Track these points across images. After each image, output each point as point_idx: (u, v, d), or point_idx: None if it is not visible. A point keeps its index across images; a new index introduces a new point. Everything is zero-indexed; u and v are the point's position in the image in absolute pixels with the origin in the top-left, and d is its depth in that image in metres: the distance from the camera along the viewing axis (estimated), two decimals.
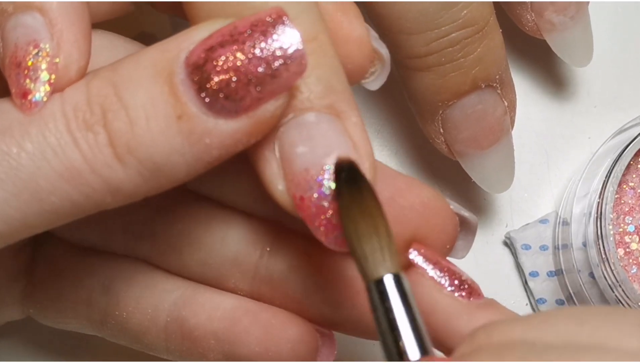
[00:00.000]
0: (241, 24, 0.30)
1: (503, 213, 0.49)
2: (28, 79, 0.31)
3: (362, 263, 0.30)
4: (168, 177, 0.31)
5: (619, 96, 0.50)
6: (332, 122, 0.32)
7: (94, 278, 0.38)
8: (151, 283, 0.38)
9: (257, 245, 0.37)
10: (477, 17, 0.41)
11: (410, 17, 0.40)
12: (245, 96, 0.30)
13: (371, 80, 0.36)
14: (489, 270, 0.49)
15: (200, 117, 0.30)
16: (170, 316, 0.37)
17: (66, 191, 0.30)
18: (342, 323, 0.37)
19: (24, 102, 0.30)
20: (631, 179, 0.46)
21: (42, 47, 0.31)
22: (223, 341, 0.37)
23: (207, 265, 0.37)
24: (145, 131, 0.30)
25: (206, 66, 0.30)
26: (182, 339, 0.37)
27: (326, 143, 0.31)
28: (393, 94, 0.49)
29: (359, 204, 0.31)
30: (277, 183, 0.32)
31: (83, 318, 0.39)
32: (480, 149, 0.44)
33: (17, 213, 0.30)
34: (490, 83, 0.43)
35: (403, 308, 0.30)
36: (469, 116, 0.43)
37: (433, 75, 0.42)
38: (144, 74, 0.30)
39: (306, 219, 0.32)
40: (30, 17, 0.31)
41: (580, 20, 0.45)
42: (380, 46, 0.36)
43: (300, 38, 0.30)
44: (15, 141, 0.30)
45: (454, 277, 0.35)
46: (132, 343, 0.39)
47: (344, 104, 0.32)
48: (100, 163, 0.30)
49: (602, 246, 0.43)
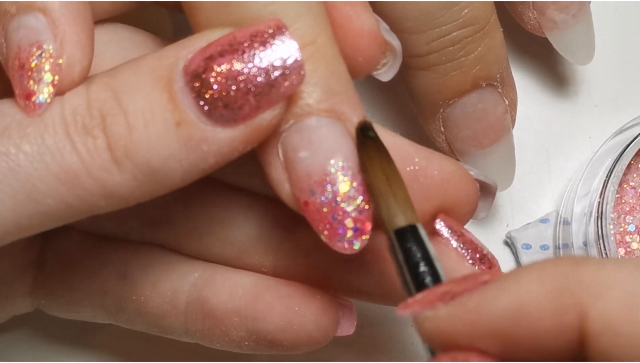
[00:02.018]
0: (240, 34, 0.30)
1: (504, 213, 0.49)
2: (32, 80, 0.31)
3: (385, 215, 0.32)
4: (163, 182, 0.31)
5: (620, 96, 0.50)
6: (333, 126, 0.32)
7: (109, 266, 0.39)
8: (169, 267, 0.38)
9: (280, 222, 0.38)
10: (478, 16, 0.41)
11: (412, 16, 0.40)
12: (244, 105, 0.30)
13: (383, 71, 0.37)
14: None
15: (199, 124, 0.30)
16: (190, 297, 0.38)
17: (62, 194, 0.30)
18: (367, 290, 0.37)
19: (28, 104, 0.31)
20: (632, 178, 0.46)
21: (45, 48, 0.31)
22: (246, 318, 0.37)
23: (230, 243, 0.38)
24: (143, 136, 0.30)
25: (205, 74, 0.30)
26: (203, 319, 0.38)
27: (327, 147, 0.32)
28: (394, 93, 0.49)
29: (381, 163, 0.32)
30: (284, 185, 0.32)
31: (98, 306, 0.39)
32: (481, 147, 0.44)
33: (11, 214, 0.30)
34: (491, 82, 0.43)
35: (420, 253, 0.31)
36: (469, 114, 0.43)
37: (434, 74, 0.42)
38: (143, 80, 0.30)
39: (311, 222, 0.32)
40: (33, 18, 0.31)
41: (582, 18, 0.45)
42: (391, 37, 0.36)
43: (299, 49, 0.30)
44: (14, 142, 0.30)
45: (476, 250, 0.36)
46: (150, 328, 0.39)
47: (345, 105, 0.32)
48: (98, 166, 0.30)
49: (603, 246, 0.43)
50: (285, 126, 0.32)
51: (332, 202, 0.32)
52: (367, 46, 0.34)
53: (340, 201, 0.32)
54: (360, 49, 0.34)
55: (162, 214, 0.38)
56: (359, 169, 0.32)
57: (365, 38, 0.34)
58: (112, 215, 0.38)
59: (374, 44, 0.35)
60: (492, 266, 0.36)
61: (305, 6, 0.32)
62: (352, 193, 0.32)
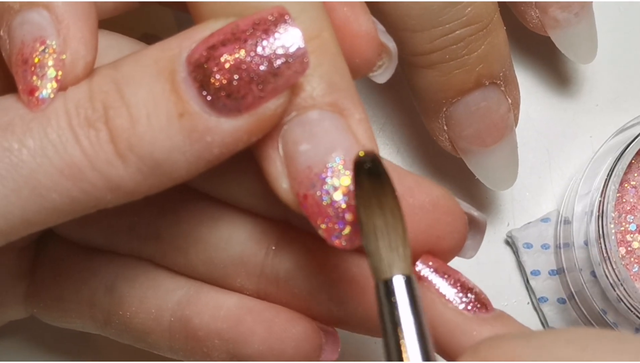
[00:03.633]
0: (243, 23, 0.30)
1: (505, 212, 0.49)
2: (35, 76, 0.31)
3: (375, 260, 0.30)
4: (168, 175, 0.30)
5: (621, 95, 0.50)
6: (335, 120, 0.32)
7: (97, 278, 0.38)
8: (155, 283, 0.38)
9: (262, 244, 0.37)
10: (481, 14, 0.41)
11: (415, 14, 0.40)
12: (247, 94, 0.30)
13: (379, 73, 0.36)
14: (490, 269, 0.49)
15: (202, 115, 0.30)
16: (173, 315, 0.37)
17: (66, 188, 0.30)
18: (348, 321, 0.37)
19: (31, 99, 0.30)
20: (633, 178, 0.46)
21: (48, 43, 0.31)
22: (227, 340, 0.37)
23: (213, 264, 0.37)
24: (146, 128, 0.30)
25: (208, 64, 0.30)
26: (186, 339, 0.37)
27: (329, 141, 0.31)
28: (397, 91, 0.49)
29: (379, 199, 0.30)
30: (282, 181, 0.32)
31: (87, 318, 0.39)
32: (484, 146, 0.44)
33: (17, 210, 0.30)
34: (494, 80, 0.43)
35: (410, 310, 0.29)
36: (472, 113, 0.43)
37: (437, 72, 0.42)
38: (146, 72, 0.30)
39: (310, 217, 0.32)
40: (37, 14, 0.31)
41: (585, 17, 0.45)
42: (388, 40, 0.36)
43: (302, 36, 0.30)
44: (17, 138, 0.30)
45: (463, 290, 0.34)
46: (136, 343, 0.39)
47: (347, 101, 0.32)
48: (101, 159, 0.30)
49: (604, 245, 0.43)
50: (287, 118, 0.32)
51: (332, 196, 0.31)
52: (364, 48, 0.34)
53: (341, 195, 0.31)
54: (357, 50, 0.34)
55: (151, 229, 0.38)
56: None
57: (363, 40, 0.34)
58: (100, 227, 0.38)
59: (371, 46, 0.35)
60: (481, 304, 0.34)
61: (309, 2, 0.32)
62: (353, 187, 0.31)
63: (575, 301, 0.47)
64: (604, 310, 0.45)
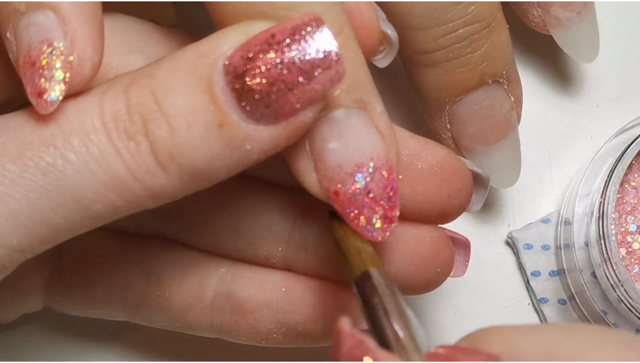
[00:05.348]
0: (279, 31, 0.30)
1: (505, 213, 0.49)
2: (43, 78, 0.31)
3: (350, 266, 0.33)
4: (208, 180, 0.32)
5: (622, 96, 0.50)
6: (360, 116, 0.32)
7: (132, 262, 0.39)
8: (193, 263, 0.39)
9: (289, 213, 0.38)
10: (485, 13, 0.41)
11: (418, 13, 0.40)
12: (285, 104, 0.30)
13: (380, 58, 0.38)
14: (491, 270, 0.49)
15: (241, 124, 0.30)
16: (217, 291, 0.39)
17: (110, 199, 0.31)
18: None
19: (40, 102, 0.31)
20: (633, 178, 0.46)
21: (55, 45, 0.31)
22: (277, 310, 0.38)
23: (239, 233, 0.38)
24: (186, 138, 0.30)
25: (246, 75, 0.30)
26: (231, 312, 0.39)
27: (356, 139, 0.32)
28: (399, 90, 0.49)
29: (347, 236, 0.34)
30: (310, 175, 0.33)
31: (117, 302, 0.40)
32: (487, 144, 0.44)
33: (63, 221, 0.31)
34: (497, 79, 0.43)
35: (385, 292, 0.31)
36: (476, 111, 0.43)
37: (440, 71, 0.42)
38: (183, 80, 0.30)
39: (341, 212, 0.33)
40: (43, 16, 0.31)
41: (587, 16, 0.45)
42: (388, 28, 0.37)
43: (338, 46, 0.30)
44: (60, 153, 0.30)
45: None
46: (172, 323, 0.40)
47: (370, 95, 0.33)
48: (143, 170, 0.30)
49: (604, 246, 0.43)
50: None
51: (363, 192, 0.32)
52: (366, 38, 0.35)
53: (372, 190, 0.32)
54: (359, 39, 0.34)
55: (174, 207, 0.38)
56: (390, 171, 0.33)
57: (366, 30, 0.35)
58: None
59: (372, 35, 0.35)
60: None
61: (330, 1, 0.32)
62: (383, 182, 0.32)
63: (576, 302, 0.47)
64: (604, 310, 0.45)
